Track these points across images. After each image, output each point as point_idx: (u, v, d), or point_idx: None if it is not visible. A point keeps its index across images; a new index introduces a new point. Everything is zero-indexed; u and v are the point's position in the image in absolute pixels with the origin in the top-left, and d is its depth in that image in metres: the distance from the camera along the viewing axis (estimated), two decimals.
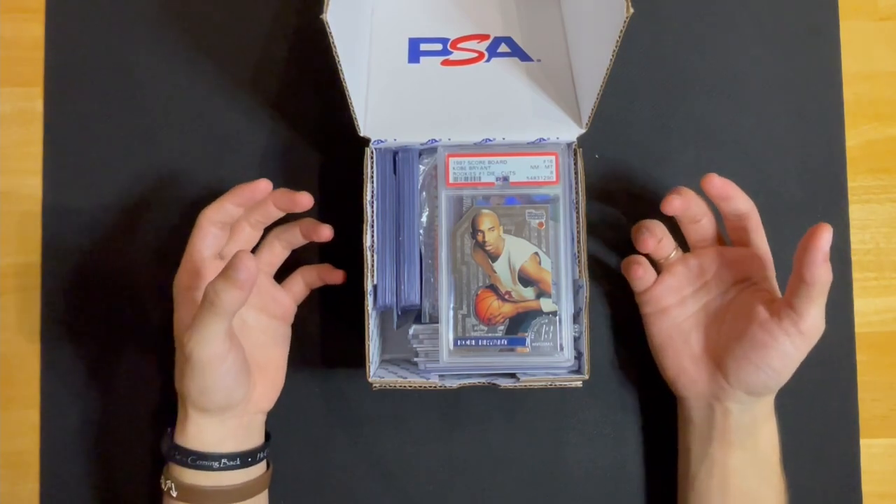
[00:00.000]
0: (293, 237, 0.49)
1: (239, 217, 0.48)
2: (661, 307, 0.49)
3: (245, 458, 0.46)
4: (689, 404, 0.49)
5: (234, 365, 0.43)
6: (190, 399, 0.44)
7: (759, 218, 0.48)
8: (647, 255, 0.50)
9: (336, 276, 0.51)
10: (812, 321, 0.44)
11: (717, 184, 0.46)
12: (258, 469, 0.47)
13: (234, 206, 0.46)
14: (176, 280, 0.47)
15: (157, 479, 0.46)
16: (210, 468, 0.44)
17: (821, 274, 0.42)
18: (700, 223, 0.48)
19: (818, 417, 0.53)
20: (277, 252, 0.50)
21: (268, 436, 0.49)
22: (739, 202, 0.47)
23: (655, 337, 0.50)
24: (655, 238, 0.48)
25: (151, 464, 0.52)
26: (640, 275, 0.49)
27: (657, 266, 0.50)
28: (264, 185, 0.46)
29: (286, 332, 0.50)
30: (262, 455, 0.47)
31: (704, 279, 0.49)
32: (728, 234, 0.49)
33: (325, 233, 0.48)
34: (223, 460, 0.45)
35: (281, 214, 0.48)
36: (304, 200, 0.46)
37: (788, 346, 0.44)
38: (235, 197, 0.46)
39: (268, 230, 0.50)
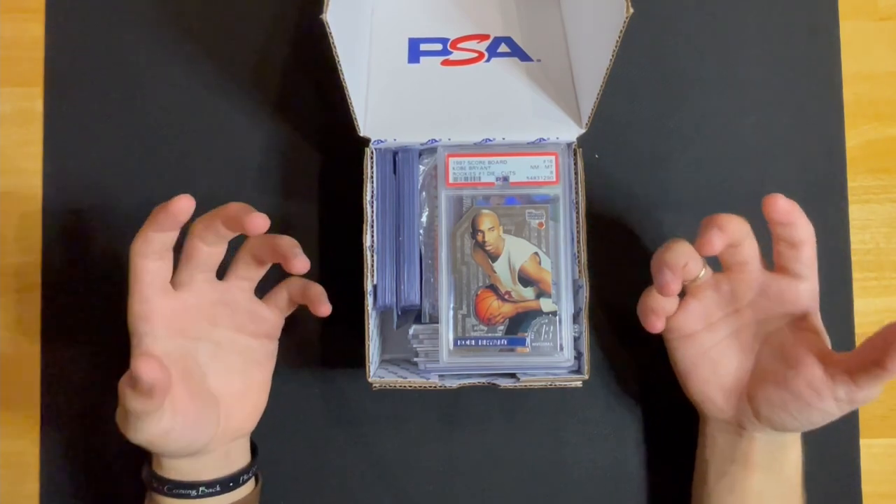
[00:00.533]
0: (263, 252, 0.44)
1: (189, 237, 0.42)
2: (686, 333, 0.45)
3: (226, 484, 0.44)
4: (712, 424, 0.47)
5: (184, 430, 0.40)
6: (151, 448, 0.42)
7: (815, 248, 0.42)
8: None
9: (321, 309, 0.44)
10: (871, 395, 0.40)
11: (783, 208, 0.40)
12: (243, 490, 0.45)
13: (159, 234, 0.40)
14: (127, 317, 0.41)
15: None
16: (188, 496, 0.42)
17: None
18: (739, 248, 0.42)
19: None
20: (252, 266, 0.45)
21: (255, 451, 0.47)
22: (801, 230, 0.41)
23: (679, 363, 0.46)
24: (679, 279, 0.41)
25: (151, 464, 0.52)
26: (659, 328, 0.44)
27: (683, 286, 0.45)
28: (183, 202, 0.39)
29: (270, 350, 0.47)
30: (245, 477, 0.45)
31: (737, 306, 0.45)
32: (773, 257, 0.44)
33: (299, 266, 0.41)
34: (201, 489, 0.42)
35: (235, 234, 0.42)
36: (258, 223, 0.39)
37: (834, 409, 0.41)
38: (154, 224, 0.40)
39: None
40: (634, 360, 0.53)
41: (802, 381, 0.42)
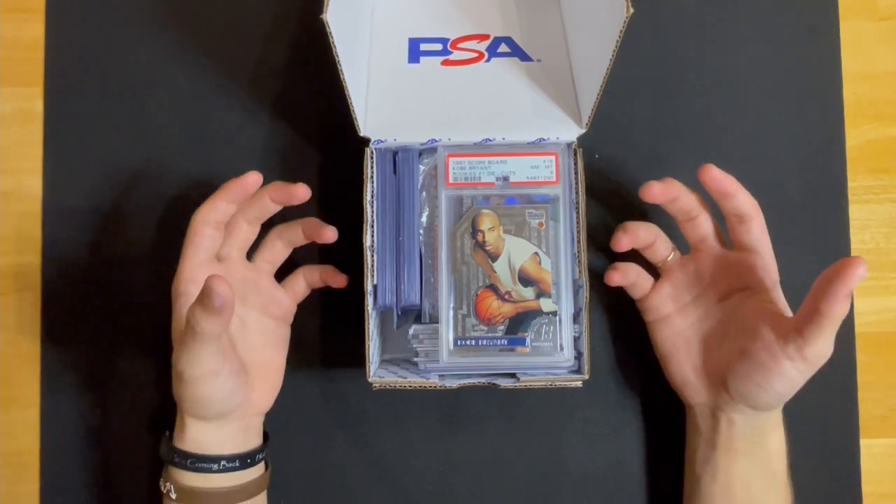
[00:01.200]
0: (295, 235, 0.48)
1: (234, 214, 0.46)
2: (662, 315, 0.49)
3: (244, 460, 0.46)
4: (694, 411, 0.48)
5: (229, 377, 0.43)
6: (185, 407, 0.44)
7: (764, 221, 0.45)
8: (643, 260, 0.49)
9: (339, 280, 0.50)
10: (819, 349, 0.41)
11: (717, 176, 0.43)
12: (257, 470, 0.47)
13: (227, 204, 0.45)
14: (174, 284, 0.46)
15: (156, 479, 0.46)
16: (209, 470, 0.44)
17: (840, 309, 0.39)
18: (695, 220, 0.46)
19: (818, 417, 0.53)
20: (278, 250, 0.49)
21: (266, 436, 0.49)
22: (742, 201, 0.44)
23: (659, 346, 0.49)
24: (630, 237, 0.47)
25: (151, 464, 0.52)
26: (617, 280, 0.48)
27: (656, 271, 0.50)
28: (254, 177, 0.45)
29: (286, 333, 0.50)
30: (260, 456, 0.47)
31: (703, 285, 0.48)
32: (729, 236, 0.47)
33: (329, 234, 0.47)
34: (222, 462, 0.44)
35: (278, 208, 0.47)
36: (301, 192, 0.45)
37: (791, 370, 0.42)
38: (227, 193, 0.45)
39: (267, 226, 0.49)
40: (634, 359, 0.53)
41: (759, 346, 0.43)
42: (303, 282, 0.50)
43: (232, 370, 0.43)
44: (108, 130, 0.54)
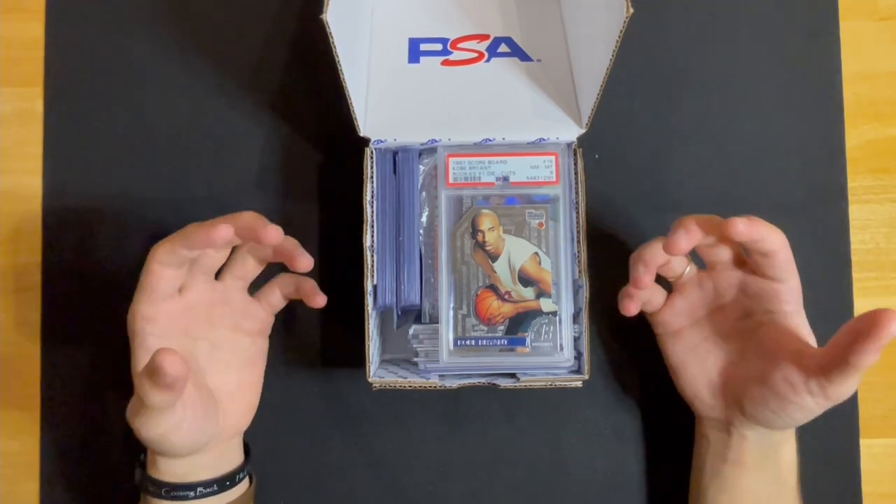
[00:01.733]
0: (267, 252, 0.45)
1: (237, 245, 0.43)
2: (673, 329, 0.47)
3: (223, 483, 0.44)
4: (705, 423, 0.47)
5: (193, 423, 0.41)
6: (151, 449, 0.42)
7: (790, 252, 0.42)
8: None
9: (317, 301, 0.46)
10: (844, 391, 0.40)
11: (743, 230, 0.39)
12: (241, 487, 0.46)
13: (188, 251, 0.40)
14: (129, 318, 0.42)
15: None
16: (186, 498, 0.43)
17: (871, 361, 0.38)
18: (715, 248, 0.44)
19: (818, 417, 0.53)
20: (250, 266, 0.46)
21: (247, 450, 0.48)
22: (770, 241, 0.41)
23: (670, 358, 0.47)
24: (651, 274, 0.44)
25: None
26: (633, 310, 0.45)
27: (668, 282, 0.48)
28: (223, 233, 0.39)
29: (262, 346, 0.48)
30: (241, 476, 0.46)
31: (721, 303, 0.46)
32: (750, 265, 0.44)
33: (304, 264, 0.43)
34: (199, 489, 0.43)
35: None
36: (272, 235, 0.40)
37: (811, 403, 0.41)
38: (186, 241, 0.40)
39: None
40: (634, 360, 0.53)
41: (779, 376, 0.42)
42: (278, 293, 0.47)
43: (196, 415, 0.41)
44: (107, 130, 0.54)
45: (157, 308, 0.42)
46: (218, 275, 0.46)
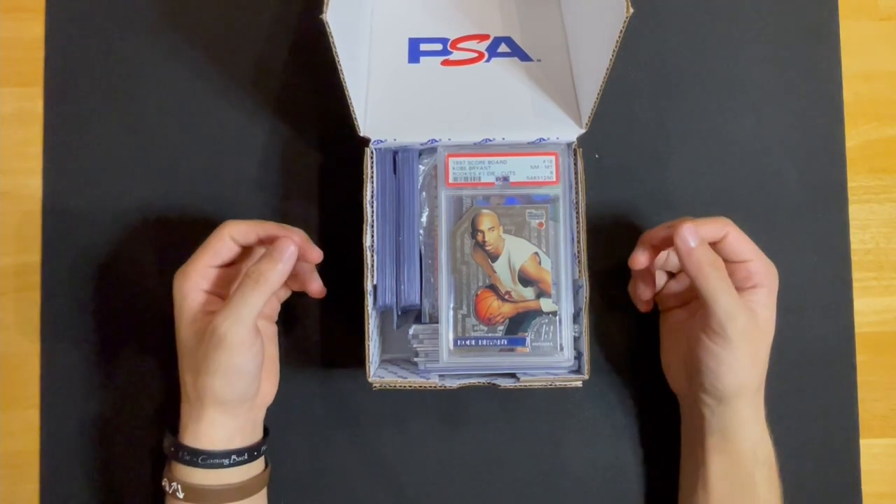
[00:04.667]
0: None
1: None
2: (666, 307, 0.50)
3: (252, 453, 0.46)
4: (680, 403, 0.50)
5: (260, 351, 0.44)
6: (212, 392, 0.44)
7: (737, 229, 0.45)
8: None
9: (315, 289, 0.49)
10: (722, 317, 0.43)
11: (688, 240, 0.43)
12: (259, 465, 0.47)
13: (256, 235, 0.46)
14: (178, 281, 0.46)
15: (157, 479, 0.46)
16: (220, 465, 0.45)
17: (696, 261, 0.43)
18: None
19: (818, 417, 0.53)
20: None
21: (266, 431, 0.49)
22: (714, 234, 0.45)
23: (661, 336, 0.51)
24: (647, 252, 0.47)
25: (152, 464, 0.52)
26: (647, 297, 0.50)
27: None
28: (291, 245, 0.45)
29: (274, 331, 0.51)
30: (264, 448, 0.48)
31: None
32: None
33: (313, 255, 0.47)
34: (233, 457, 0.45)
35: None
36: (314, 255, 0.47)
37: (713, 346, 0.44)
38: (264, 229, 0.46)
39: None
40: (634, 360, 0.53)
41: (693, 335, 0.45)
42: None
43: (261, 345, 0.45)
44: (108, 130, 0.54)
45: (204, 277, 0.46)
46: None
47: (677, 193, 0.54)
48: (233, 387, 0.44)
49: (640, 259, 0.47)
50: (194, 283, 0.45)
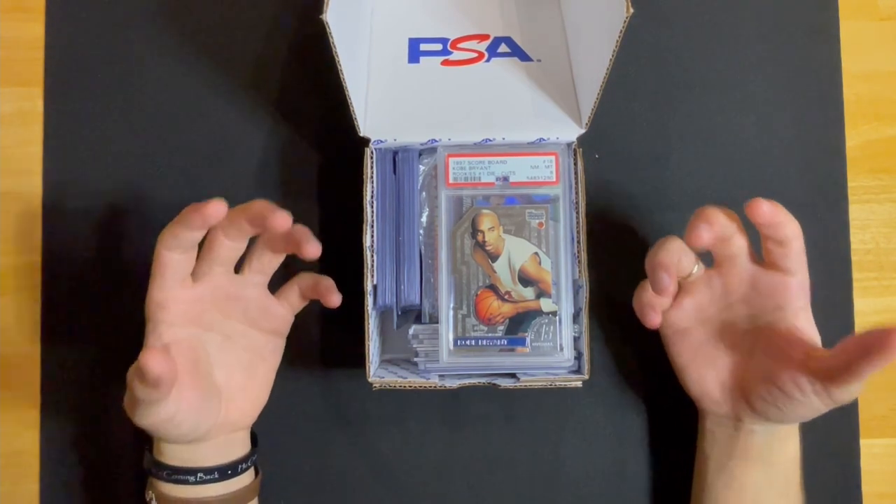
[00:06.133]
0: (279, 242, 0.44)
1: (213, 229, 0.42)
2: (680, 328, 0.47)
3: (224, 472, 0.44)
4: (711, 418, 0.47)
5: (188, 415, 0.41)
6: (150, 430, 0.43)
7: (803, 243, 0.43)
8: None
9: (332, 299, 0.45)
10: (848, 396, 0.41)
11: (766, 211, 0.40)
12: (245, 478, 0.46)
13: (189, 231, 0.40)
14: (145, 307, 0.43)
15: None
16: (185, 482, 0.44)
17: (875, 371, 0.38)
18: (729, 242, 0.43)
19: (818, 417, 0.53)
20: (267, 259, 0.45)
21: (255, 441, 0.48)
22: (787, 229, 0.41)
23: (676, 358, 0.47)
24: (675, 278, 0.42)
25: None
26: (657, 323, 0.44)
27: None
28: (215, 207, 0.39)
29: (278, 346, 0.47)
30: (244, 466, 0.46)
31: (729, 301, 0.45)
32: (762, 253, 0.44)
33: (311, 250, 0.41)
34: (199, 475, 0.44)
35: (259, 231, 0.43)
36: (279, 222, 0.39)
37: (817, 402, 0.42)
38: (184, 222, 0.40)
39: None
40: (634, 359, 0.53)
41: (787, 377, 0.42)
42: (297, 290, 0.46)
43: (191, 407, 0.42)
44: (108, 130, 0.54)
45: (167, 295, 0.42)
46: (238, 269, 0.45)
47: (677, 193, 0.54)
48: (165, 439, 0.43)
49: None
50: (152, 312, 0.42)
